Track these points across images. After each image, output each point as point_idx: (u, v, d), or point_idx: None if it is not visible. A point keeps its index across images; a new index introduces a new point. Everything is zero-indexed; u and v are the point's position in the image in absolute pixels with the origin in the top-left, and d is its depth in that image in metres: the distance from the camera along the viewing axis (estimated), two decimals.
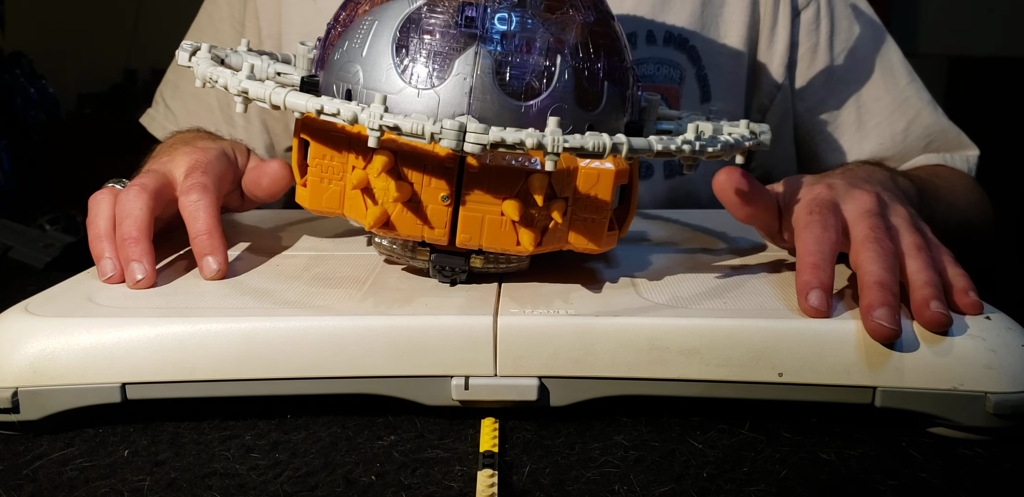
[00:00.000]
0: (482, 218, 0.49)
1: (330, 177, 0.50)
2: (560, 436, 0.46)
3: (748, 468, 0.43)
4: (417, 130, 0.43)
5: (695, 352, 0.46)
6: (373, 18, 0.51)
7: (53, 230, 0.89)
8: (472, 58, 0.49)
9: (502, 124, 0.45)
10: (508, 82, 0.49)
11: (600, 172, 0.49)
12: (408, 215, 0.49)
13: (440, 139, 0.43)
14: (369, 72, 0.50)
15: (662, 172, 0.86)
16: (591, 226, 0.50)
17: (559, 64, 0.50)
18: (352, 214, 0.51)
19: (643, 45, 0.83)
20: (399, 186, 0.48)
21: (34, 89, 2.09)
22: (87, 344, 0.46)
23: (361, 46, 0.51)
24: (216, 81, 0.50)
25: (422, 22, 0.50)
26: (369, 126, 0.44)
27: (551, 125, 0.44)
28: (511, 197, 0.48)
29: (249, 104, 0.49)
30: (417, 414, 0.48)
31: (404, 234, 0.50)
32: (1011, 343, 0.45)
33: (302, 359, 0.46)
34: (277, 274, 0.55)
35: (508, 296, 0.50)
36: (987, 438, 0.46)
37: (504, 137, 0.43)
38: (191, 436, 0.47)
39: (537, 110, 0.49)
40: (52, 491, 0.41)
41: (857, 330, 0.46)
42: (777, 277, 0.54)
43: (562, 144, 0.43)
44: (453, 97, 0.49)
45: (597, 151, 0.44)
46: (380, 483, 0.42)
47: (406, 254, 0.53)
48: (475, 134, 0.43)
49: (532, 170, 0.48)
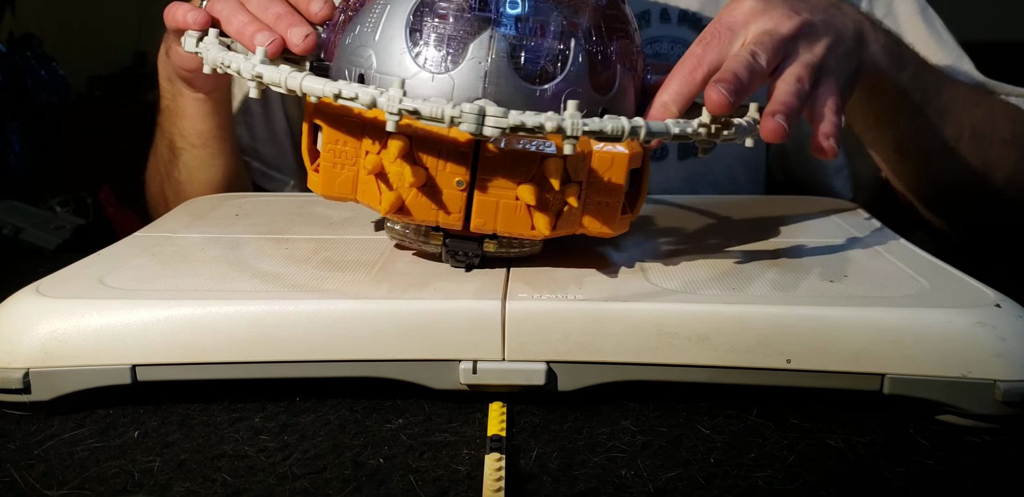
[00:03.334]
0: (497, 203, 0.49)
1: (343, 162, 0.50)
2: (567, 421, 0.46)
3: (755, 454, 0.43)
4: (437, 114, 0.43)
5: (703, 338, 0.46)
6: (385, 2, 0.51)
7: (64, 212, 0.89)
8: (487, 42, 0.49)
9: (517, 108, 0.45)
10: (523, 66, 0.49)
11: (614, 156, 0.49)
12: (423, 200, 0.49)
13: (460, 123, 0.43)
14: (382, 56, 0.50)
15: (676, 154, 0.85)
16: (604, 210, 0.50)
17: (573, 47, 0.50)
18: (366, 199, 0.51)
19: (657, 23, 0.83)
20: (414, 171, 0.48)
21: (45, 71, 2.09)
22: (98, 326, 0.46)
23: (374, 30, 0.50)
24: (228, 66, 0.49)
25: (435, 6, 0.50)
26: (388, 110, 0.44)
27: (570, 108, 0.43)
28: (526, 181, 0.48)
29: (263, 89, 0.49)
30: (425, 398, 0.48)
31: (419, 219, 0.50)
32: (1021, 331, 0.45)
33: (311, 342, 0.46)
34: (286, 257, 0.55)
35: (517, 281, 0.50)
36: (995, 426, 0.46)
37: (523, 121, 0.43)
38: (200, 418, 0.47)
39: (551, 94, 0.49)
40: (63, 471, 0.42)
41: (866, 317, 0.46)
42: (786, 264, 0.54)
43: (581, 127, 0.43)
44: (468, 81, 0.49)
45: (616, 134, 0.44)
46: (388, 466, 0.42)
47: (419, 239, 0.53)
48: (494, 118, 0.43)
49: (547, 154, 0.48)
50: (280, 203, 0.71)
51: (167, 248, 0.58)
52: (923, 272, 0.52)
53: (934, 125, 0.68)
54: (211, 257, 0.56)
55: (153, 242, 0.59)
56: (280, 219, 0.66)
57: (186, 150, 0.79)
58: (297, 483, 0.40)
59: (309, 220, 0.65)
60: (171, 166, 0.81)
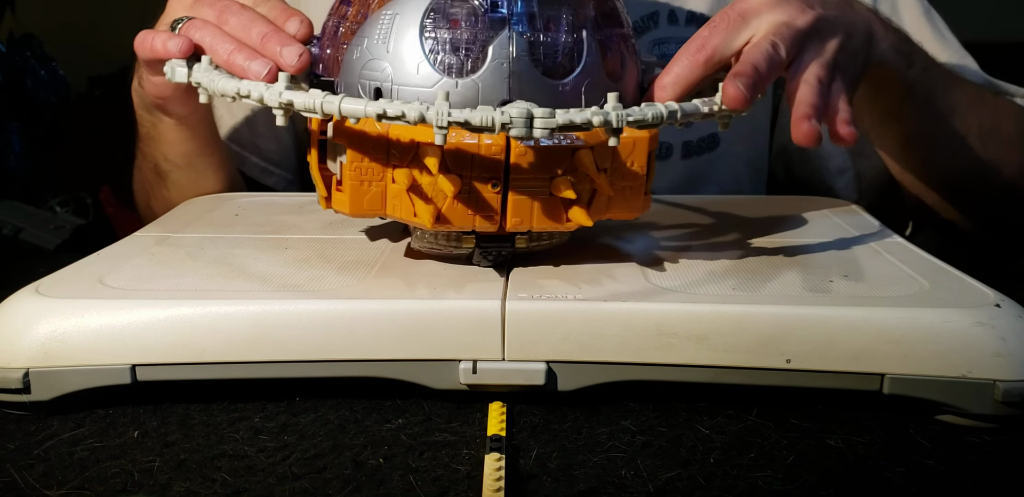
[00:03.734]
0: (532, 200, 0.49)
1: (370, 179, 0.49)
2: (567, 421, 0.46)
3: (755, 454, 0.43)
4: (487, 122, 0.43)
5: (703, 338, 0.46)
6: (393, 12, 0.50)
7: (63, 212, 0.89)
8: (506, 42, 0.49)
9: (542, 105, 0.45)
10: (543, 62, 0.49)
11: (635, 140, 0.49)
12: (460, 207, 0.48)
13: (510, 128, 0.43)
14: (399, 67, 0.49)
15: (680, 153, 0.85)
16: (629, 193, 0.51)
17: (585, 38, 0.50)
18: (398, 214, 0.50)
19: (665, 25, 0.83)
20: (451, 180, 0.47)
21: (44, 71, 2.09)
22: (97, 325, 0.46)
23: (384, 42, 0.50)
24: (247, 96, 0.48)
25: (446, 12, 0.49)
26: (437, 124, 0.43)
27: (611, 101, 0.44)
28: (559, 175, 0.48)
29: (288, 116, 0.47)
30: (425, 398, 0.48)
31: (458, 226, 0.49)
32: (1020, 331, 0.45)
33: (311, 342, 0.46)
34: (286, 257, 0.55)
35: (516, 281, 0.50)
36: (995, 426, 0.46)
37: (572, 119, 0.43)
38: (200, 418, 0.47)
39: (572, 87, 0.50)
40: (63, 471, 0.42)
41: (866, 317, 0.46)
42: (786, 263, 0.54)
43: (626, 119, 0.44)
44: (494, 83, 0.48)
45: (657, 121, 0.45)
46: (388, 466, 0.42)
47: (450, 244, 0.53)
48: (542, 119, 0.43)
49: (577, 147, 0.48)
50: (279, 203, 0.71)
51: (167, 248, 0.58)
52: (923, 272, 0.52)
53: (940, 122, 0.68)
54: (211, 257, 0.56)
55: (153, 242, 0.59)
56: (280, 219, 0.66)
57: (173, 172, 0.77)
58: (297, 483, 0.40)
59: (309, 220, 0.65)
60: (158, 186, 0.79)
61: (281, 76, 0.47)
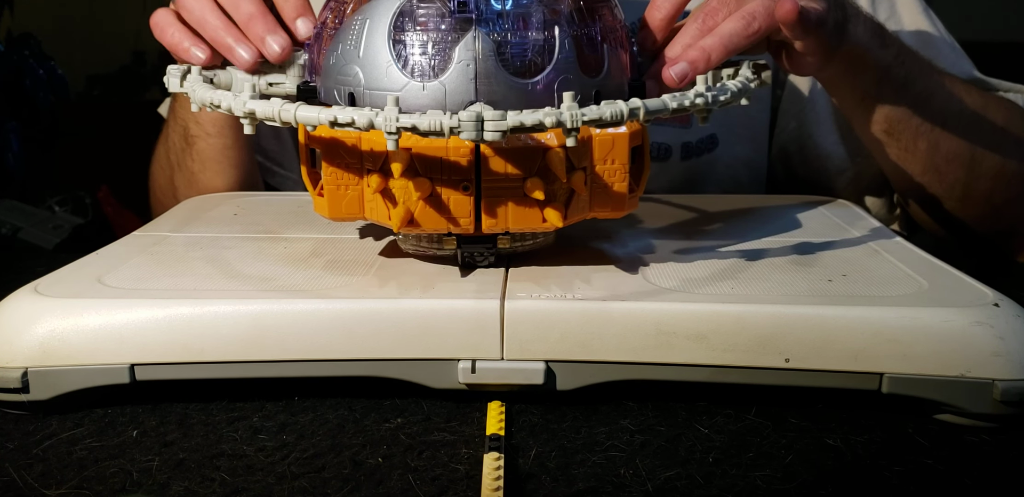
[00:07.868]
0: (505, 201, 0.49)
1: (347, 183, 0.50)
2: (566, 420, 0.46)
3: (754, 453, 0.43)
4: (435, 127, 0.43)
5: (702, 337, 0.46)
6: (364, 17, 0.50)
7: (62, 211, 0.89)
8: (471, 43, 0.48)
9: (512, 105, 0.45)
10: (511, 62, 0.49)
11: (615, 137, 0.49)
12: (430, 211, 0.48)
13: (459, 132, 0.43)
14: (369, 72, 0.49)
15: (679, 154, 0.85)
16: (612, 192, 0.50)
17: (558, 35, 0.49)
18: (375, 217, 0.50)
19: None
20: (418, 183, 0.47)
21: (43, 70, 2.09)
22: (96, 325, 0.46)
23: (356, 47, 0.50)
24: (218, 106, 0.48)
25: (415, 14, 0.49)
26: (386, 130, 0.43)
27: (567, 101, 0.43)
28: (531, 176, 0.48)
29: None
30: (424, 397, 0.48)
31: (430, 229, 0.49)
32: (1019, 330, 0.45)
33: (310, 341, 0.46)
34: (285, 257, 0.55)
35: (516, 280, 0.50)
36: (994, 425, 0.46)
37: (522, 120, 0.43)
38: (199, 417, 0.47)
39: (544, 85, 0.49)
40: (62, 471, 0.42)
41: (865, 316, 0.46)
42: (785, 263, 0.54)
43: (581, 118, 0.43)
44: (459, 85, 0.48)
45: (616, 119, 0.44)
46: (387, 465, 0.42)
47: (433, 246, 0.53)
48: (493, 122, 0.43)
49: (548, 146, 0.48)
50: (279, 203, 0.71)
51: (165, 247, 0.58)
52: (922, 271, 0.52)
53: (920, 107, 0.69)
54: (210, 256, 0.56)
55: (151, 241, 0.59)
56: (279, 219, 0.66)
57: (201, 138, 0.78)
58: (296, 482, 0.40)
59: (308, 220, 0.65)
60: (184, 155, 0.80)
61: (245, 86, 0.47)
